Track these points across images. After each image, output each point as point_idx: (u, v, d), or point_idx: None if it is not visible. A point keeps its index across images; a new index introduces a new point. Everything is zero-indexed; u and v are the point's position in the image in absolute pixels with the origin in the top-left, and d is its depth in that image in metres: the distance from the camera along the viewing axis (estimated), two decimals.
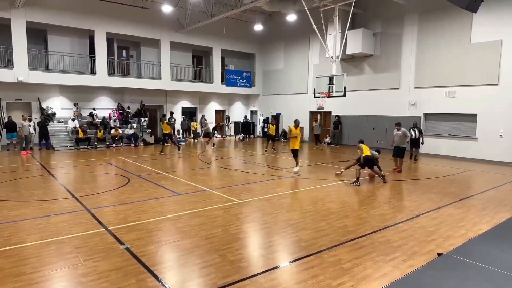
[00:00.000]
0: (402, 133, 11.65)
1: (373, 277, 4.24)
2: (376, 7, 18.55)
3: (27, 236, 5.44)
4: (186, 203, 7.59)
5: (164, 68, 21.51)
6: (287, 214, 6.77)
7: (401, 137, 11.64)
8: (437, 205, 7.61)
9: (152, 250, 4.98)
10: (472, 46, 14.96)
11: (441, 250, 5.01)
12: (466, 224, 6.31)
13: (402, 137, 11.63)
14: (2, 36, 16.92)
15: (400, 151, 11.74)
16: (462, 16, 14.96)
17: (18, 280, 4.05)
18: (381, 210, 7.22)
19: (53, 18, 17.54)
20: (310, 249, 5.06)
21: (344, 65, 19.71)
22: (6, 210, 6.86)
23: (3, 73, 16.54)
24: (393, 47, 17.86)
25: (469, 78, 15.12)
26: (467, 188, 9.77)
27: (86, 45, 19.76)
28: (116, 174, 10.97)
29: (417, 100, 17.05)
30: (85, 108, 20.13)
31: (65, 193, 8.32)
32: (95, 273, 4.24)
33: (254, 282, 4.08)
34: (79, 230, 5.71)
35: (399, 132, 11.71)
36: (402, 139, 11.63)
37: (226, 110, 26.75)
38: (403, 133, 11.64)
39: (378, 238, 5.55)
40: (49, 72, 18.03)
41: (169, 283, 4.03)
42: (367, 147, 10.36)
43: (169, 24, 21.01)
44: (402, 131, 11.67)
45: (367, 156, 10.10)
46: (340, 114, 20.53)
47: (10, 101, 18.07)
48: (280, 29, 23.84)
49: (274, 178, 10.66)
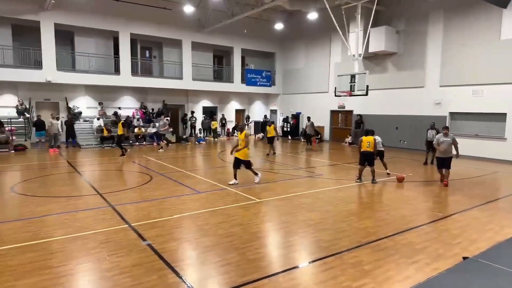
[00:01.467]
0: (451, 139, 9.29)
1: (395, 279, 4.16)
2: (399, 4, 18.13)
3: (54, 231, 5.64)
4: (206, 201, 7.66)
5: (186, 68, 21.80)
6: (307, 214, 6.73)
7: (450, 145, 9.32)
8: (463, 207, 7.37)
9: (173, 247, 5.07)
10: (502, 42, 14.38)
11: (467, 254, 4.85)
12: (493, 227, 6.08)
13: (451, 145, 9.31)
14: (32, 38, 17.62)
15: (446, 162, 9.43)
16: (491, 12, 14.41)
17: (46, 273, 4.20)
18: (403, 211, 7.06)
19: (80, 20, 18.12)
20: (330, 249, 5.01)
21: (366, 63, 19.37)
22: (34, 205, 7.14)
23: (33, 74, 17.22)
24: (417, 45, 17.40)
25: (498, 76, 14.54)
26: (494, 190, 9.42)
27: (111, 46, 20.30)
28: (139, 172, 11.21)
29: (443, 99, 16.56)
30: (110, 107, 20.67)
31: (90, 190, 8.57)
32: (118, 268, 4.35)
33: (273, 281, 4.08)
34: (103, 226, 5.87)
35: (447, 139, 9.30)
36: (450, 148, 9.35)
37: (246, 109, 26.83)
38: (452, 140, 9.29)
39: (400, 240, 5.43)
40: (75, 72, 18.65)
41: (189, 280, 4.09)
42: (370, 139, 9.56)
43: (190, 24, 21.27)
44: (451, 138, 9.33)
45: (364, 151, 9.52)
46: (362, 113, 20.20)
47: (39, 100, 18.78)
48: (301, 28, 23.68)
49: (294, 177, 10.60)
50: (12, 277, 4.08)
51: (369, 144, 9.51)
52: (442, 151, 9.35)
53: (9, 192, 8.28)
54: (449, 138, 9.29)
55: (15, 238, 5.33)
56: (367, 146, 9.53)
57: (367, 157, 9.58)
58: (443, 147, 9.28)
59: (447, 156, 9.37)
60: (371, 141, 9.52)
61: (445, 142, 9.30)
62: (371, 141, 9.52)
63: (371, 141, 9.52)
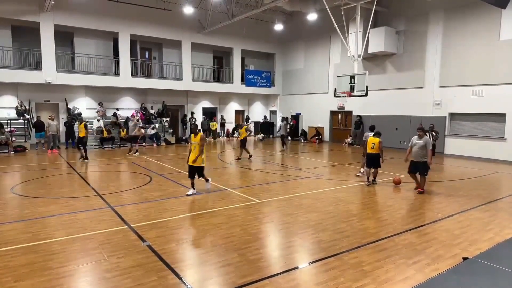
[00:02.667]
0: (424, 142, 8.51)
1: (395, 280, 4.15)
2: (399, 4, 18.15)
3: (54, 232, 5.63)
4: (206, 202, 7.66)
5: (185, 69, 21.80)
6: (307, 215, 6.73)
7: (422, 148, 8.50)
8: (463, 208, 7.37)
9: (173, 248, 5.06)
10: (501, 43, 14.40)
11: (467, 254, 4.85)
12: (493, 228, 6.08)
13: (424, 148, 8.49)
14: (32, 39, 17.62)
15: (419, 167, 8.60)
16: (491, 13, 14.42)
17: (46, 274, 4.20)
18: (403, 212, 7.06)
19: (80, 21, 18.12)
20: (330, 250, 5.01)
21: (366, 64, 19.38)
22: (34, 206, 7.13)
23: (33, 75, 17.21)
24: (417, 45, 17.42)
25: (497, 76, 14.56)
26: (495, 191, 9.41)
27: (111, 47, 20.30)
28: (139, 173, 11.21)
29: (442, 99, 16.56)
30: (109, 108, 20.66)
31: (90, 191, 8.57)
32: (118, 269, 4.35)
33: (274, 282, 4.08)
34: (103, 227, 5.87)
35: (420, 141, 8.55)
36: (424, 151, 8.49)
37: (246, 110, 26.83)
38: (425, 143, 8.50)
39: (401, 240, 5.43)
40: (75, 73, 18.65)
41: (189, 281, 4.09)
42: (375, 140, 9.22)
43: (190, 25, 21.28)
44: (424, 140, 8.54)
45: (369, 153, 9.18)
46: (362, 114, 20.20)
47: (39, 101, 18.77)
48: (301, 29, 23.70)
49: (294, 178, 10.60)
50: (12, 278, 4.07)
51: (373, 146, 9.29)
52: (415, 154, 8.56)
53: (9, 193, 8.27)
54: (422, 140, 8.50)
55: (15, 239, 5.32)
56: (371, 147, 9.32)
57: (372, 159, 9.37)
58: (415, 150, 8.55)
59: (419, 161, 8.52)
60: (376, 142, 9.29)
61: (417, 144, 8.53)
62: (376, 142, 9.29)
63: (375, 142, 9.29)
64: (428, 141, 8.51)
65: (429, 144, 8.48)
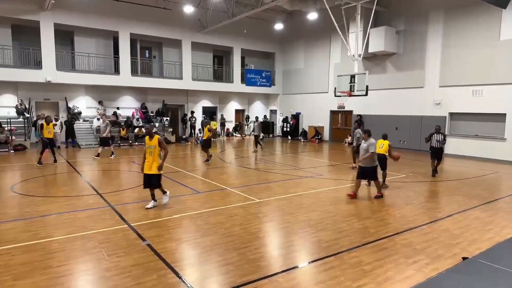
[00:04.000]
0: (367, 146, 7.79)
1: (394, 279, 4.16)
2: (399, 4, 18.13)
3: (53, 231, 5.63)
4: (206, 201, 7.66)
5: (186, 68, 21.79)
6: (307, 214, 6.73)
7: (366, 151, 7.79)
8: (463, 207, 7.37)
9: (172, 247, 5.06)
10: (501, 43, 14.39)
11: (467, 254, 4.85)
12: (493, 228, 6.08)
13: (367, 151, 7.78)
14: (32, 38, 17.60)
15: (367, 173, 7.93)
16: (491, 12, 14.41)
17: (46, 273, 4.20)
18: (403, 212, 7.06)
19: (80, 20, 18.09)
20: (330, 250, 5.01)
21: (366, 63, 19.37)
22: (34, 205, 7.13)
23: (33, 74, 17.20)
24: (417, 45, 17.41)
25: (497, 76, 14.55)
26: (494, 191, 9.41)
27: (111, 46, 20.27)
28: (139, 172, 11.19)
29: (442, 99, 16.56)
30: (109, 107, 20.63)
31: (90, 190, 8.57)
32: (118, 268, 4.35)
33: (273, 281, 4.08)
34: (103, 226, 5.87)
35: (364, 145, 7.90)
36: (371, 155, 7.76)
37: (246, 109, 26.82)
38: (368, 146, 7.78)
39: (400, 240, 5.43)
40: (75, 72, 18.61)
41: (189, 280, 4.09)
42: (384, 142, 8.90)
43: (190, 24, 21.25)
44: (367, 144, 7.80)
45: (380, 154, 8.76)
46: (362, 114, 20.19)
47: (39, 100, 18.76)
48: (301, 28, 23.68)
49: (294, 177, 10.60)
50: (12, 277, 4.07)
51: (382, 146, 8.92)
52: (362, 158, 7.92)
53: (9, 192, 8.27)
54: (366, 144, 7.84)
55: (15, 238, 5.32)
56: (380, 147, 8.90)
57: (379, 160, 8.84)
58: (361, 153, 7.95)
59: (366, 166, 7.83)
60: (385, 143, 8.94)
61: (362, 148, 7.94)
62: (385, 143, 8.94)
63: (385, 144, 8.94)
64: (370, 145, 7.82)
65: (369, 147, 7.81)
